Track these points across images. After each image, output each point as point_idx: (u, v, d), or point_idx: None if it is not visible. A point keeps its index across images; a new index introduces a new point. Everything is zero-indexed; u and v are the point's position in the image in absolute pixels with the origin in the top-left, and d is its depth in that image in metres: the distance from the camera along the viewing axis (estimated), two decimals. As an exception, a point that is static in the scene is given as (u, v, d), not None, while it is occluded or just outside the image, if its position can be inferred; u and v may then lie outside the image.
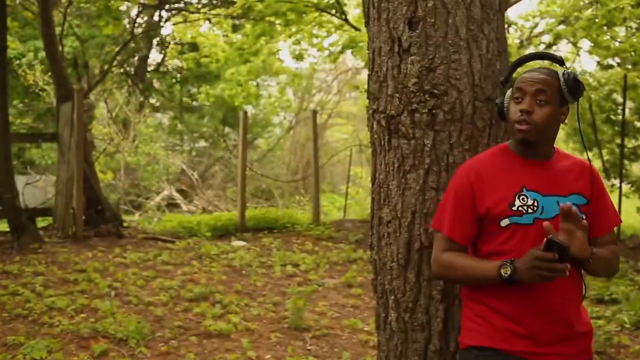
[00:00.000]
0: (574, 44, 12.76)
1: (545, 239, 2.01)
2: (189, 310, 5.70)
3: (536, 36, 11.06)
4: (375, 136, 2.72)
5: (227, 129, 20.17)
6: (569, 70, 2.23)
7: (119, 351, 4.71)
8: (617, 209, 8.57)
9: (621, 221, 2.39)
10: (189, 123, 19.21)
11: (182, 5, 12.99)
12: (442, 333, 2.55)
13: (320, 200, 12.70)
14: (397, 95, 2.59)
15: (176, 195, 15.46)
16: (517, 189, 2.19)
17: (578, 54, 13.43)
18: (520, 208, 2.16)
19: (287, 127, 18.97)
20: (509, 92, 2.27)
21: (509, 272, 2.07)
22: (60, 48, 9.79)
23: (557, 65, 2.35)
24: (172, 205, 15.12)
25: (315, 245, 8.62)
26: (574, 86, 2.21)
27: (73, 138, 8.53)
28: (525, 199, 2.17)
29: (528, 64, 2.46)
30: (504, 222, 2.17)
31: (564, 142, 14.21)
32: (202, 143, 19.42)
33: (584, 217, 2.21)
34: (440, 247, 2.27)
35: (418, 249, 2.57)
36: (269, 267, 7.33)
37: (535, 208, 2.17)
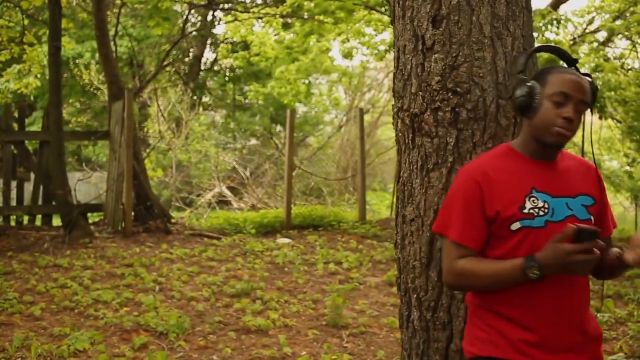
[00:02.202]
0: (631, 39, 12.42)
1: (573, 228, 1.93)
2: (230, 305, 5.78)
3: (590, 33, 10.81)
4: (400, 134, 2.71)
5: (278, 127, 20.33)
6: (591, 79, 2.20)
7: (158, 344, 4.81)
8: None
9: (617, 225, 2.31)
10: (240, 121, 19.43)
11: (231, 4, 13.13)
12: (464, 332, 2.53)
13: (369, 198, 12.67)
14: (420, 93, 2.58)
15: (227, 192, 15.64)
16: (526, 191, 2.11)
17: (635, 50, 13.07)
18: (531, 211, 2.09)
19: (338, 125, 18.98)
20: (537, 87, 2.12)
21: (537, 273, 1.99)
22: (113, 48, 10.03)
23: (565, 63, 2.29)
24: (222, 203, 15.31)
25: (359, 243, 8.62)
26: (595, 94, 2.19)
27: (123, 136, 8.74)
28: (536, 201, 2.10)
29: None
30: (515, 226, 2.09)
31: (621, 142, 13.87)
32: (254, 141, 19.60)
33: (592, 218, 2.16)
34: (452, 255, 2.16)
35: (440, 247, 2.55)
36: (312, 265, 7.37)
37: (546, 210, 2.10)
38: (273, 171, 15.73)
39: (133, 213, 8.87)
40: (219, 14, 18.11)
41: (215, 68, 20.60)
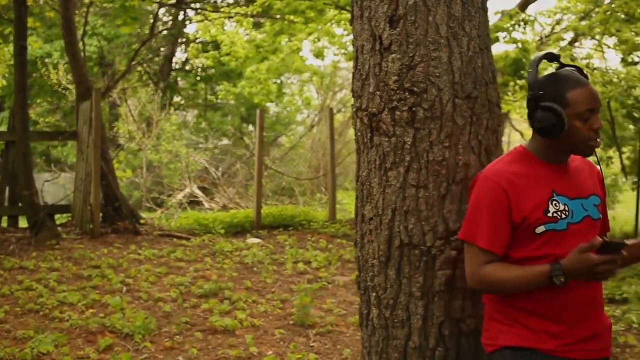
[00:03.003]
0: (598, 40, 12.60)
1: (598, 240, 2.00)
2: (198, 306, 5.76)
3: (556, 33, 10.94)
4: (359, 134, 2.73)
5: (250, 127, 20.27)
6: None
7: (124, 345, 4.78)
8: (635, 207, 8.46)
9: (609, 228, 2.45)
10: (212, 121, 19.35)
11: (201, 4, 13.08)
12: (422, 330, 2.55)
13: (340, 197, 12.68)
14: (378, 92, 2.60)
15: (198, 192, 15.56)
16: (548, 194, 2.18)
17: (602, 50, 13.27)
18: (555, 214, 2.16)
19: (309, 125, 18.99)
20: (558, 108, 2.13)
21: (563, 280, 2.06)
22: (81, 47, 9.93)
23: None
24: (193, 203, 15.22)
25: (329, 242, 8.65)
26: None
27: (91, 136, 8.66)
28: (558, 204, 2.18)
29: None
30: (540, 229, 2.16)
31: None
32: (225, 141, 19.54)
33: (601, 216, 2.27)
34: (478, 261, 2.21)
35: (398, 246, 2.57)
36: (281, 265, 7.37)
37: (567, 213, 2.18)
38: (244, 171, 15.69)
39: (101, 214, 8.79)
40: (190, 13, 18.04)
41: (187, 68, 20.49)
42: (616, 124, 11.64)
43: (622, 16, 9.02)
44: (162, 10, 17.80)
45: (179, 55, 20.75)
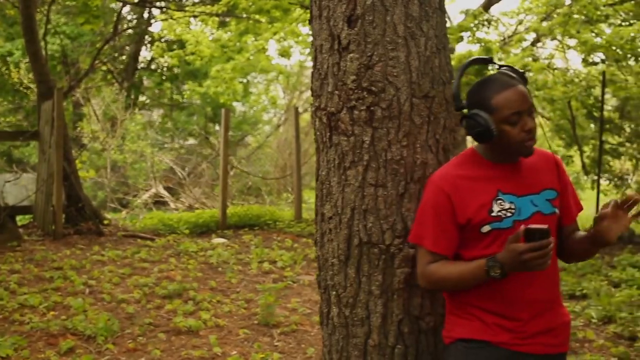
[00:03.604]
0: (560, 41, 12.79)
1: (522, 229, 2.02)
2: (161, 307, 5.72)
3: (519, 34, 11.08)
4: (318, 133, 2.74)
5: (216, 127, 20.17)
6: (508, 65, 2.30)
7: (86, 348, 4.73)
8: (595, 205, 8.62)
9: (582, 208, 2.43)
10: (178, 121, 19.21)
11: (166, 3, 12.97)
12: (381, 328, 2.57)
13: (307, 196, 12.69)
14: (336, 92, 2.61)
15: (164, 192, 15.45)
16: (493, 194, 2.22)
17: (563, 51, 13.48)
18: (499, 213, 2.20)
19: (276, 124, 18.98)
20: (483, 114, 2.19)
21: (499, 272, 2.09)
22: (43, 45, 9.78)
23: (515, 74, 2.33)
24: (159, 203, 15.11)
25: (295, 242, 8.65)
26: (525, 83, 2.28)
27: (53, 136, 8.54)
28: (503, 203, 2.21)
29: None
30: (485, 229, 2.21)
31: (550, 140, 14.28)
32: (192, 141, 19.41)
33: (557, 210, 2.29)
34: (425, 260, 2.29)
35: (357, 244, 2.59)
36: (246, 264, 7.35)
37: (513, 211, 2.21)
38: (211, 171, 15.62)
39: (64, 215, 8.66)
40: (155, 11, 17.87)
41: (153, 67, 20.30)
42: (577, 124, 11.85)
43: (582, 18, 9.17)
44: (127, 9, 17.64)
45: (145, 54, 20.57)
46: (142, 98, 19.83)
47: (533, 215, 2.22)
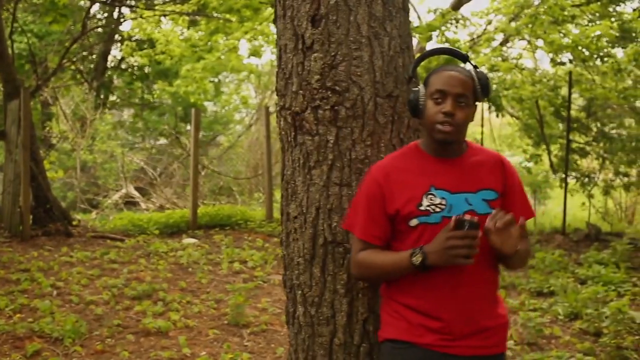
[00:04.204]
0: (528, 41, 12.94)
1: (453, 219, 2.03)
2: (130, 308, 5.68)
3: (487, 34, 11.17)
4: (283, 133, 2.74)
5: (187, 127, 20.04)
6: (480, 70, 2.28)
7: (53, 350, 4.67)
8: (563, 204, 8.74)
9: (534, 215, 2.40)
10: (149, 120, 19.05)
11: (133, 2, 12.85)
12: (346, 327, 2.58)
13: (278, 196, 12.66)
14: (301, 92, 2.61)
15: (134, 193, 15.32)
16: (425, 189, 2.20)
17: (532, 51, 13.63)
18: (428, 207, 2.18)
19: (247, 124, 18.92)
20: (422, 90, 2.24)
21: (420, 259, 2.10)
22: (9, 44, 9.64)
23: (461, 61, 2.38)
24: (130, 204, 14.97)
25: (266, 241, 8.64)
26: (486, 85, 2.25)
27: (20, 136, 8.42)
28: (433, 198, 2.19)
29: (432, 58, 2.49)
30: (413, 222, 2.19)
31: (519, 138, 14.44)
32: (163, 141, 19.26)
33: (493, 212, 2.23)
34: (356, 248, 2.30)
35: (322, 244, 2.60)
36: (217, 265, 7.33)
37: (443, 207, 2.18)
38: (182, 171, 15.52)
39: (31, 216, 8.56)
40: (125, 10, 17.69)
41: (123, 66, 20.11)
42: (545, 123, 11.99)
43: (549, 19, 9.28)
44: (96, 7, 17.44)
45: (115, 54, 20.35)
46: (112, 98, 19.62)
47: (465, 214, 2.15)
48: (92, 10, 16.67)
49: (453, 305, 2.17)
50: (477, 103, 2.28)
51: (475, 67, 2.28)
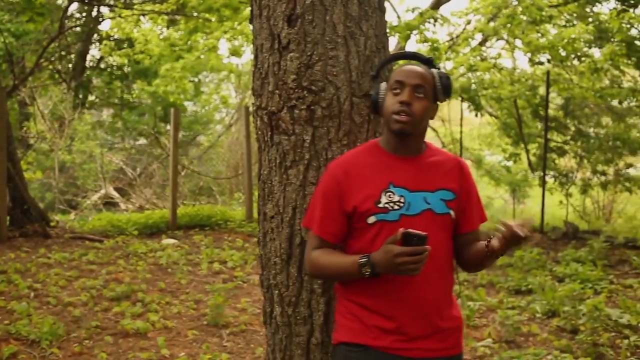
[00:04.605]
0: (507, 41, 13.03)
1: (400, 232, 2.00)
2: (109, 309, 5.64)
3: (465, 33, 11.24)
4: (260, 132, 2.74)
5: (167, 127, 19.94)
6: (442, 70, 2.29)
7: (29, 353, 4.63)
8: (541, 202, 8.79)
9: (486, 219, 2.39)
10: (128, 120, 18.92)
11: (112, 1, 12.75)
12: (324, 326, 2.59)
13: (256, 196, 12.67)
14: (277, 91, 2.62)
15: (114, 193, 15.22)
16: (384, 186, 2.19)
17: (511, 50, 13.73)
18: (386, 205, 2.17)
19: (228, 124, 18.86)
20: (383, 85, 2.28)
21: (369, 271, 2.08)
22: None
23: (427, 66, 2.38)
24: (109, 204, 14.88)
25: (246, 241, 8.62)
26: (447, 85, 2.25)
27: (-4, 136, 8.33)
28: (392, 196, 2.17)
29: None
30: (371, 220, 2.17)
31: (498, 137, 14.54)
32: (142, 141, 19.15)
33: (451, 212, 2.24)
34: (311, 245, 2.27)
35: (299, 243, 2.60)
36: (196, 265, 7.30)
37: (401, 204, 2.17)
38: (162, 171, 15.44)
39: (8, 217, 8.47)
40: (104, 10, 17.56)
41: (102, 66, 19.96)
42: (523, 122, 12.08)
43: (526, 19, 9.35)
44: (74, 6, 17.29)
45: (94, 53, 20.19)
46: (91, 97, 19.46)
47: (423, 212, 2.18)
48: (70, 10, 16.54)
49: (407, 305, 2.16)
50: (438, 103, 2.28)
51: (438, 69, 2.28)
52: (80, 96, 17.67)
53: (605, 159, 11.41)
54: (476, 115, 11.29)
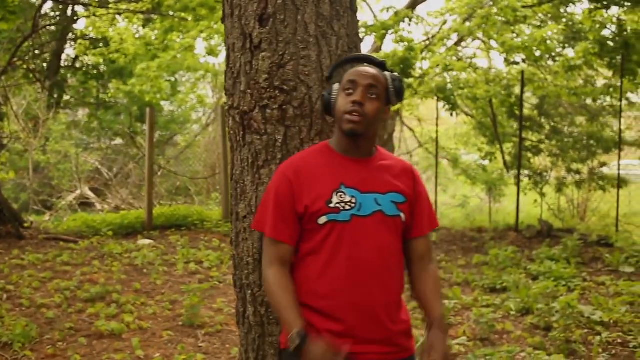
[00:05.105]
0: (483, 41, 13.13)
1: (344, 354, 2.03)
2: (83, 311, 5.60)
3: (439, 33, 11.30)
4: (232, 132, 2.73)
5: (144, 126, 19.81)
6: (395, 74, 2.28)
7: (2, 356, 4.58)
8: (516, 200, 8.87)
9: (438, 225, 2.39)
10: (104, 120, 18.77)
11: (86, 0, 12.64)
12: (296, 325, 2.58)
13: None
14: (249, 91, 2.61)
15: (90, 194, 15.09)
16: (335, 186, 2.18)
17: (487, 50, 13.84)
18: (337, 205, 2.15)
19: (205, 123, 18.79)
20: (336, 86, 2.27)
21: (292, 349, 2.07)
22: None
23: (379, 69, 2.36)
24: (85, 205, 14.75)
25: (222, 241, 8.59)
26: (400, 88, 2.25)
27: (-32, 137, 8.23)
28: (343, 196, 2.16)
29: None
30: (322, 220, 2.15)
31: (474, 137, 14.63)
32: (119, 141, 19.00)
33: (402, 215, 2.23)
34: (269, 253, 2.22)
35: (271, 243, 2.59)
36: (172, 265, 7.27)
37: (353, 205, 2.16)
38: (138, 171, 15.34)
39: (-19, 218, 8.38)
40: (79, 8, 17.39)
41: (77, 65, 19.77)
42: (498, 122, 12.18)
43: (501, 20, 9.43)
44: (49, 5, 17.11)
45: (69, 52, 19.99)
46: (66, 97, 19.27)
47: (374, 214, 2.18)
48: (45, 8, 16.38)
49: (358, 307, 2.15)
50: (390, 105, 2.27)
51: (391, 71, 2.28)
52: (55, 96, 17.49)
53: (580, 158, 11.53)
54: (452, 114, 11.35)
